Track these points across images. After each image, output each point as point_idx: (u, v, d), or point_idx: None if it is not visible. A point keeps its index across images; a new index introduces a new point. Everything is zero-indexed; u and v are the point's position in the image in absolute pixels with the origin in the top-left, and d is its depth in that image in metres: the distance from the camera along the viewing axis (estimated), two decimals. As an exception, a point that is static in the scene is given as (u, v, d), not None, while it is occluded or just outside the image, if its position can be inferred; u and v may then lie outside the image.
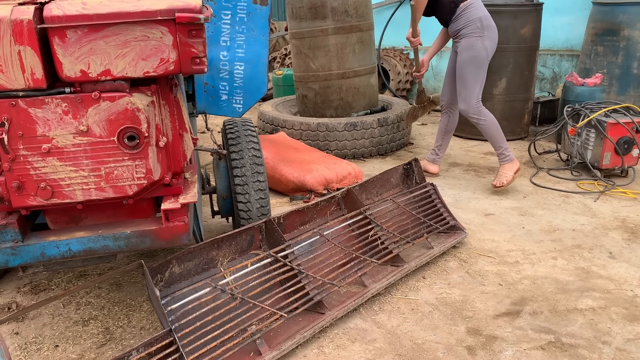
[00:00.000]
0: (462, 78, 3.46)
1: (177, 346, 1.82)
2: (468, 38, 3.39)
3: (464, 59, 3.42)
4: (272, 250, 2.27)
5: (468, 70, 3.41)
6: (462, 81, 3.46)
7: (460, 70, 3.46)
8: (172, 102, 1.86)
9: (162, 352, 1.80)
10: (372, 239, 2.56)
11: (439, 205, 2.94)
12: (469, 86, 3.43)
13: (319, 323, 2.12)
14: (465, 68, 3.42)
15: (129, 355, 1.73)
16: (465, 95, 3.46)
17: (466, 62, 3.42)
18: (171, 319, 1.87)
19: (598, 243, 2.85)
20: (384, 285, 2.38)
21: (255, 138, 2.61)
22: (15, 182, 1.71)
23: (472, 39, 3.38)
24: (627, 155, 3.70)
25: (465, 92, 3.45)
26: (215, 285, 2.08)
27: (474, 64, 3.40)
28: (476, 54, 3.39)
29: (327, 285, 2.27)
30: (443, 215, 2.90)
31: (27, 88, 1.62)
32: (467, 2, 3.38)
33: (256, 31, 2.56)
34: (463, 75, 3.44)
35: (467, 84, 3.44)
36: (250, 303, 2.08)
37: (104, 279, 1.96)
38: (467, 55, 3.41)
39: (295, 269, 2.25)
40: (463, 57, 3.43)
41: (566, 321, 2.19)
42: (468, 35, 3.40)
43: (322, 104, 4.71)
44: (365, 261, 2.45)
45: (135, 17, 1.60)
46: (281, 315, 2.09)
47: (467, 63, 3.41)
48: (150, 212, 2.00)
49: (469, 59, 3.40)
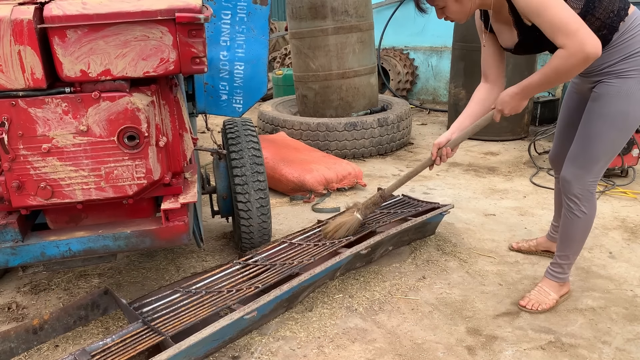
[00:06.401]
0: (589, 137, 2.08)
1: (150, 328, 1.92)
2: (625, 79, 1.97)
3: (608, 110, 2.02)
4: (240, 259, 2.40)
5: (606, 129, 2.04)
6: (587, 141, 2.08)
7: (591, 125, 2.07)
8: (172, 102, 1.86)
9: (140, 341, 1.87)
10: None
11: (416, 202, 3.02)
12: (596, 153, 2.07)
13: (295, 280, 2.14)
14: (602, 124, 2.04)
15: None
16: (583, 163, 2.10)
17: (609, 115, 2.02)
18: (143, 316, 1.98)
19: (598, 243, 2.85)
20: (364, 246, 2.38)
21: (255, 138, 2.61)
22: (15, 182, 1.71)
23: (631, 82, 1.96)
24: (627, 155, 3.70)
25: (585, 160, 2.09)
26: (184, 290, 2.18)
27: (621, 124, 2.02)
28: (630, 108, 1.99)
29: (303, 262, 2.31)
30: (423, 205, 2.96)
31: (27, 88, 1.63)
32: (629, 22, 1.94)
33: (256, 31, 2.56)
34: (594, 134, 2.06)
35: (594, 149, 2.07)
36: (224, 291, 2.15)
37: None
38: (615, 105, 2.00)
39: (268, 265, 2.33)
40: (607, 106, 2.02)
41: (566, 321, 2.19)
42: (625, 74, 1.97)
43: (322, 104, 4.71)
44: (341, 242, 2.47)
45: (135, 17, 1.60)
46: (256, 287, 2.13)
47: (611, 118, 2.02)
48: (150, 212, 2.00)
49: (615, 113, 2.01)
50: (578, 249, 2.27)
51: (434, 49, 6.53)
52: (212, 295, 2.12)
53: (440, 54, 6.44)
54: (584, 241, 2.26)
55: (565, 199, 2.20)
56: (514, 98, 2.03)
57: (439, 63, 6.51)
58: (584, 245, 2.29)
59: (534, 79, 1.95)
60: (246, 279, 2.25)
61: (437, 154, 2.32)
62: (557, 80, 1.90)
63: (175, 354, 1.73)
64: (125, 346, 1.83)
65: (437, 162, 2.34)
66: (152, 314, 2.01)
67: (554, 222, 2.64)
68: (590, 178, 2.12)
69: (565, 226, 2.23)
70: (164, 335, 1.85)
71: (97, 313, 2.18)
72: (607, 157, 2.10)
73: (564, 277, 2.30)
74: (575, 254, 2.28)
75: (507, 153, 4.51)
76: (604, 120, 2.04)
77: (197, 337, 1.80)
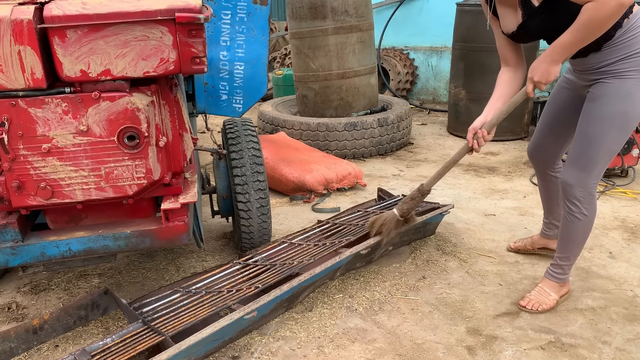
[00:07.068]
0: (588, 139, 2.06)
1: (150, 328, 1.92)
2: (623, 79, 1.96)
3: (607, 111, 2.01)
4: (240, 259, 2.40)
5: (605, 130, 2.02)
6: (587, 143, 2.07)
7: (589, 126, 2.05)
8: (172, 102, 1.86)
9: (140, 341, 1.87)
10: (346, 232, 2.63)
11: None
12: (596, 154, 2.06)
13: (295, 280, 2.14)
14: (602, 125, 2.02)
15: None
16: (584, 165, 2.08)
17: (608, 116, 2.00)
18: (143, 316, 1.97)
19: (598, 243, 2.85)
20: (364, 246, 2.39)
21: (255, 138, 2.61)
22: (15, 182, 1.71)
23: (630, 82, 1.96)
24: (627, 155, 3.70)
25: (586, 162, 2.08)
26: (184, 290, 2.17)
27: (620, 124, 2.01)
28: (628, 108, 1.98)
29: (303, 262, 2.31)
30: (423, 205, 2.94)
31: (27, 88, 1.63)
32: (632, 20, 1.93)
33: (256, 31, 2.56)
34: (593, 135, 2.05)
35: (594, 150, 2.05)
36: (224, 291, 2.14)
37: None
38: (613, 106, 1.99)
39: (268, 265, 2.32)
40: (605, 107, 2.01)
41: (566, 321, 2.19)
42: (624, 75, 1.96)
43: (322, 104, 4.71)
44: (341, 242, 2.48)
45: (135, 17, 1.60)
46: (256, 287, 2.13)
47: (610, 119, 2.00)
48: (150, 212, 2.00)
49: (614, 113, 1.99)
50: (578, 250, 2.27)
51: (434, 49, 6.53)
52: (212, 295, 2.12)
53: (440, 54, 6.44)
54: (584, 242, 2.26)
55: (565, 202, 2.18)
56: (544, 61, 1.96)
57: (439, 63, 6.51)
58: (584, 246, 2.29)
59: (563, 37, 1.87)
60: (246, 279, 2.25)
61: (473, 139, 2.25)
62: (587, 36, 1.82)
63: (175, 354, 1.73)
64: (125, 346, 1.84)
65: (475, 147, 2.26)
66: (152, 314, 2.01)
67: (545, 219, 2.63)
68: (591, 180, 2.11)
69: (566, 228, 2.21)
70: (164, 335, 1.85)
71: (97, 313, 2.18)
72: (607, 157, 2.09)
73: (564, 278, 2.30)
74: (575, 255, 2.27)
75: (507, 153, 4.51)
76: (602, 121, 2.02)
77: (197, 337, 1.80)
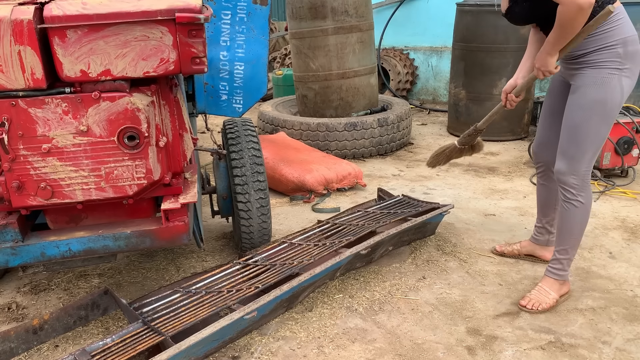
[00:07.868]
0: (573, 128, 2.19)
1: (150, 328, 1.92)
2: (599, 69, 2.11)
3: (585, 100, 2.15)
4: (240, 259, 2.39)
5: (587, 118, 2.15)
6: (573, 132, 2.20)
7: (573, 116, 2.19)
8: (172, 102, 1.86)
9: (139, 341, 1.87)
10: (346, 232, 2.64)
11: (416, 202, 3.03)
12: (583, 142, 2.18)
13: (295, 280, 2.14)
14: (582, 114, 2.16)
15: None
16: (573, 153, 2.20)
17: (587, 105, 2.14)
18: (143, 316, 1.98)
19: (598, 243, 2.85)
20: (364, 246, 2.39)
21: (255, 138, 2.61)
22: (16, 182, 1.71)
23: (604, 72, 2.10)
24: (627, 155, 3.70)
25: (575, 150, 2.19)
26: (184, 290, 2.17)
27: (600, 112, 2.13)
28: (606, 96, 2.11)
29: (303, 262, 2.31)
30: (423, 205, 2.97)
31: (27, 88, 1.63)
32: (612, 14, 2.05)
33: (256, 31, 2.56)
34: (577, 124, 2.18)
35: (580, 139, 2.18)
36: (224, 291, 2.14)
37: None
38: (591, 95, 2.13)
39: (268, 265, 2.32)
40: (584, 97, 2.15)
41: (566, 321, 2.19)
42: (599, 65, 2.11)
43: (322, 104, 4.71)
44: (341, 242, 2.48)
45: (135, 17, 1.60)
46: (256, 287, 2.13)
47: (589, 107, 2.14)
48: (150, 212, 2.00)
49: (592, 102, 2.13)
50: (576, 243, 2.31)
51: (434, 49, 6.53)
52: (212, 295, 2.12)
53: (440, 54, 6.44)
54: (581, 234, 2.30)
55: (561, 190, 2.26)
56: (542, 52, 2.16)
57: (439, 63, 6.51)
58: (581, 240, 2.33)
59: (550, 34, 2.09)
60: (246, 279, 2.25)
61: (506, 100, 2.45)
62: (565, 33, 2.03)
63: (175, 354, 1.73)
64: (125, 346, 1.84)
65: (508, 106, 2.47)
66: (152, 314, 2.01)
67: (538, 223, 2.66)
68: (583, 167, 2.20)
69: (563, 218, 2.28)
70: (164, 335, 1.85)
71: (97, 313, 2.18)
72: (594, 145, 2.19)
73: (563, 275, 2.32)
74: (573, 249, 2.31)
75: (507, 153, 4.51)
76: (583, 111, 2.16)
77: (197, 337, 1.80)
